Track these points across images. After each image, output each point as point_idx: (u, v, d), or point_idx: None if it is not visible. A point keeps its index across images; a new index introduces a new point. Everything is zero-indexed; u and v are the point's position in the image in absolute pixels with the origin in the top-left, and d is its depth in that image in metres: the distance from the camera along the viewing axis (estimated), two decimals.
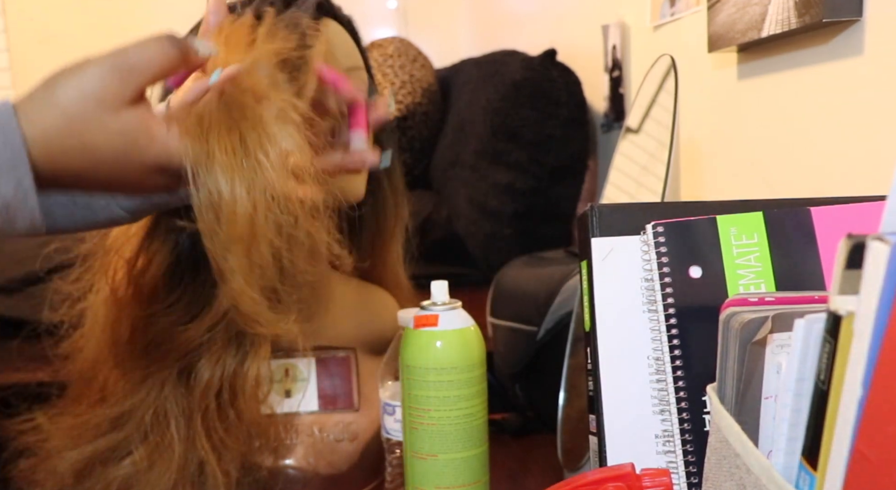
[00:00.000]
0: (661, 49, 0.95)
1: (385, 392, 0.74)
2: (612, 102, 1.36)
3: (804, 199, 0.57)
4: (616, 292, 0.55)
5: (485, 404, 0.67)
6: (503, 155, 1.31)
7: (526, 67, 1.34)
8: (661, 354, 0.53)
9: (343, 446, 0.81)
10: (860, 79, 0.74)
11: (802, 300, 0.45)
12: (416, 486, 0.66)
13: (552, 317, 0.93)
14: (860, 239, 0.32)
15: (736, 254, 0.54)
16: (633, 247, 0.56)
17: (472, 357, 0.65)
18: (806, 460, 0.36)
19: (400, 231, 0.92)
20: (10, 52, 2.22)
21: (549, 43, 1.41)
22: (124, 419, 0.71)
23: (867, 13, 0.72)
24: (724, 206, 0.56)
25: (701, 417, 0.52)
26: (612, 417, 0.55)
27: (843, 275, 0.32)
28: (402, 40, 1.71)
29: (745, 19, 0.87)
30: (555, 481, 0.49)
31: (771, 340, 0.42)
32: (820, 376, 0.34)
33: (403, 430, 0.68)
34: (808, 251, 0.54)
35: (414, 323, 0.67)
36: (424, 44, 1.75)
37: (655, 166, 0.85)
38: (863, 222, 0.54)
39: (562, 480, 0.48)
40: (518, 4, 2.03)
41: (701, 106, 1.05)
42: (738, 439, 0.41)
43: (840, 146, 0.78)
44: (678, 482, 0.52)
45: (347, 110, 0.72)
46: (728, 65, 0.99)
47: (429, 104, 1.63)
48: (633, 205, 0.59)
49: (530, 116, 1.30)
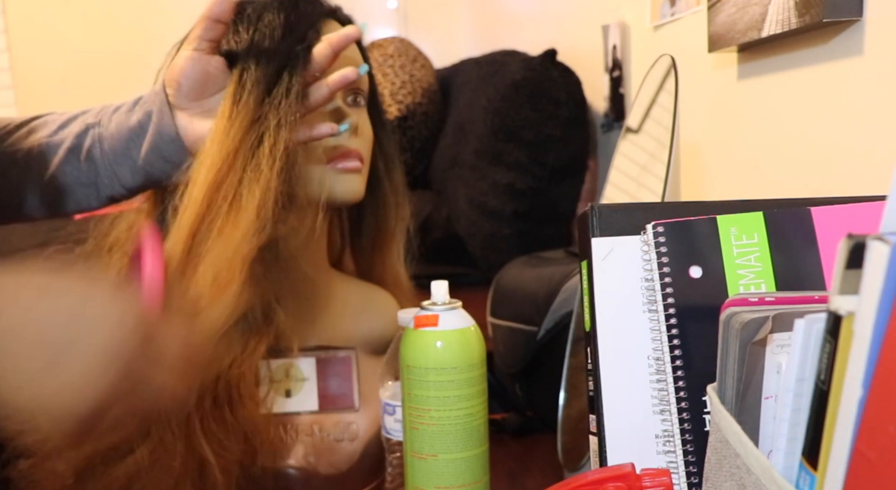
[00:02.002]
0: (662, 49, 0.95)
1: (385, 392, 0.74)
2: (613, 102, 1.36)
3: (804, 199, 0.57)
4: (616, 292, 0.55)
5: (485, 404, 0.67)
6: (503, 155, 1.31)
7: (526, 67, 1.34)
8: (662, 354, 0.53)
9: (343, 446, 0.81)
10: (860, 79, 0.74)
11: (802, 300, 0.45)
12: (416, 486, 0.66)
13: (552, 317, 0.93)
14: (860, 239, 0.32)
15: (736, 254, 0.54)
16: (633, 247, 0.56)
17: (472, 357, 0.65)
18: (806, 460, 0.36)
19: (401, 231, 0.92)
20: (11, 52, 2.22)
21: (549, 43, 1.41)
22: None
23: (867, 13, 0.72)
24: (725, 206, 0.56)
25: (701, 417, 0.52)
26: (612, 417, 0.55)
27: (844, 275, 0.32)
28: (402, 40, 1.71)
29: (745, 19, 0.87)
30: (555, 481, 0.49)
31: (771, 340, 0.42)
32: (820, 376, 0.34)
33: (404, 430, 0.68)
34: (808, 251, 0.54)
35: (414, 323, 0.67)
36: (424, 44, 1.75)
37: (655, 166, 0.85)
38: (863, 222, 0.54)
39: (562, 480, 0.48)
40: (518, 4, 2.03)
41: (701, 106, 1.05)
42: (738, 439, 0.41)
43: (840, 146, 0.78)
44: (678, 482, 0.52)
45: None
46: (728, 65, 0.99)
47: (429, 104, 1.63)
48: (633, 205, 0.59)
49: (530, 116, 1.30)
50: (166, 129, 0.74)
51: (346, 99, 0.84)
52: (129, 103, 0.77)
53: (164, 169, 0.75)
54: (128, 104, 0.77)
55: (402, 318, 0.72)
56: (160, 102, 0.74)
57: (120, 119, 0.76)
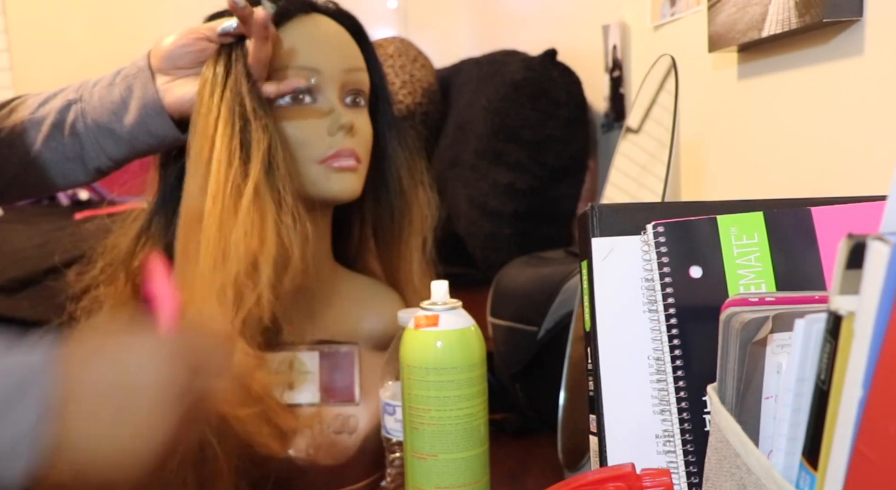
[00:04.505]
0: (662, 49, 0.94)
1: (385, 392, 0.75)
2: (613, 102, 1.36)
3: (804, 199, 0.57)
4: (616, 292, 0.55)
5: (485, 404, 0.67)
6: (503, 155, 1.31)
7: (526, 67, 1.34)
8: (662, 354, 0.53)
9: (343, 439, 0.81)
10: (860, 79, 0.74)
11: (803, 300, 0.45)
12: (416, 485, 0.66)
13: (552, 317, 0.93)
14: (860, 239, 0.32)
15: (736, 254, 0.54)
16: (633, 247, 0.56)
17: (473, 357, 0.65)
18: (806, 460, 0.36)
19: (411, 232, 0.92)
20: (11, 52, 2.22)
21: (550, 43, 1.40)
22: None
23: (867, 13, 0.72)
24: (725, 206, 0.56)
25: (701, 417, 0.52)
26: (613, 417, 0.55)
27: (844, 275, 0.32)
28: (402, 40, 1.71)
29: (745, 19, 0.87)
30: (555, 481, 0.49)
31: (771, 340, 0.42)
32: (820, 376, 0.34)
33: (404, 429, 0.68)
34: (808, 251, 0.54)
35: (414, 323, 0.67)
36: (424, 44, 1.75)
37: (655, 166, 0.85)
38: (863, 222, 0.54)
39: (562, 480, 0.48)
40: (518, 4, 2.03)
41: (701, 106, 1.05)
42: (738, 439, 0.41)
43: (840, 146, 0.78)
44: (678, 482, 0.52)
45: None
46: (728, 65, 0.99)
47: (429, 104, 1.63)
48: (633, 205, 0.59)
49: (530, 116, 1.29)
50: (150, 102, 0.76)
51: (344, 99, 0.85)
52: (110, 77, 0.79)
53: (150, 141, 0.78)
54: (108, 77, 0.79)
55: (402, 318, 0.72)
56: (144, 78, 0.77)
57: (102, 92, 0.77)
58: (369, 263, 0.96)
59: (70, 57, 2.21)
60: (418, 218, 0.92)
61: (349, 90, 0.85)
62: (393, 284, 0.94)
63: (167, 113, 0.77)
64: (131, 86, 0.77)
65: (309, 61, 0.82)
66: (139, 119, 0.76)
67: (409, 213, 0.92)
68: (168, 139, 0.78)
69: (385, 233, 0.93)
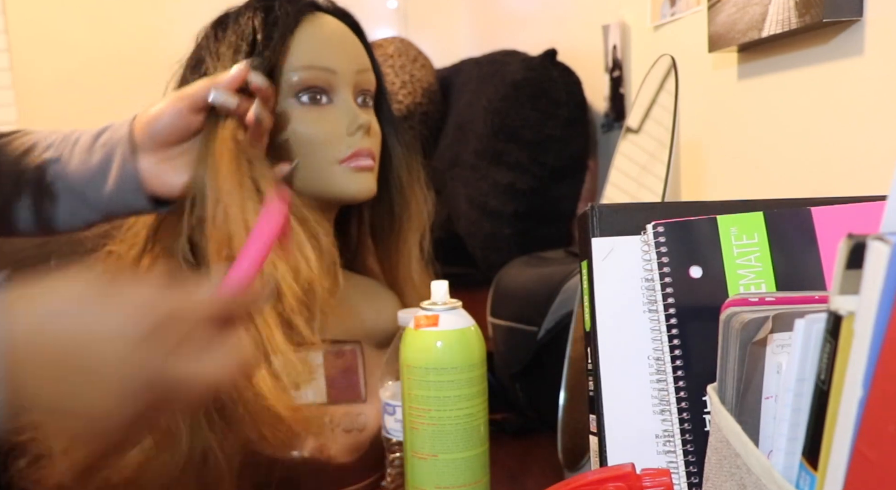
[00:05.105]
0: (662, 49, 0.95)
1: (385, 392, 0.75)
2: (613, 102, 1.36)
3: (804, 199, 0.57)
4: (616, 292, 0.55)
5: (485, 404, 0.67)
6: (503, 155, 1.31)
7: (526, 67, 1.34)
8: (662, 354, 0.53)
9: (352, 436, 0.81)
10: (860, 79, 0.74)
11: (803, 300, 0.45)
12: (416, 486, 0.66)
13: (552, 317, 0.93)
14: (860, 239, 0.32)
15: (736, 254, 0.54)
16: (633, 247, 0.56)
17: (473, 357, 0.65)
18: (806, 460, 0.36)
19: (411, 232, 0.93)
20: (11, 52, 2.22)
21: (550, 43, 1.40)
22: None
23: (867, 13, 0.72)
24: (725, 206, 0.56)
25: (701, 417, 0.52)
26: (613, 417, 0.55)
27: (844, 275, 0.32)
28: (402, 40, 1.71)
29: (745, 19, 0.87)
30: (555, 481, 0.49)
31: (771, 340, 0.42)
32: (820, 376, 0.34)
33: (404, 429, 0.68)
34: (808, 251, 0.54)
35: (414, 323, 0.67)
36: (424, 44, 1.75)
37: (655, 166, 0.85)
38: (863, 222, 0.54)
39: (562, 480, 0.48)
40: (518, 4, 2.03)
41: (701, 106, 1.05)
42: (738, 439, 0.41)
43: (840, 146, 0.78)
44: (678, 482, 0.52)
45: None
46: (728, 65, 0.99)
47: (429, 104, 1.63)
48: (633, 205, 0.59)
49: (530, 116, 1.30)
50: (128, 178, 0.74)
51: (356, 99, 0.86)
52: (90, 139, 0.76)
53: (125, 212, 0.77)
54: (88, 139, 0.76)
55: (402, 318, 0.72)
56: (124, 150, 0.74)
57: (82, 157, 0.75)
58: (368, 263, 0.97)
59: (70, 57, 2.21)
60: (416, 215, 0.93)
61: (360, 90, 0.86)
62: (392, 283, 0.94)
63: (145, 192, 0.74)
64: (111, 156, 0.74)
65: (325, 62, 0.83)
66: (115, 192, 0.74)
67: (408, 210, 0.93)
68: (146, 211, 0.77)
69: (384, 231, 0.94)
